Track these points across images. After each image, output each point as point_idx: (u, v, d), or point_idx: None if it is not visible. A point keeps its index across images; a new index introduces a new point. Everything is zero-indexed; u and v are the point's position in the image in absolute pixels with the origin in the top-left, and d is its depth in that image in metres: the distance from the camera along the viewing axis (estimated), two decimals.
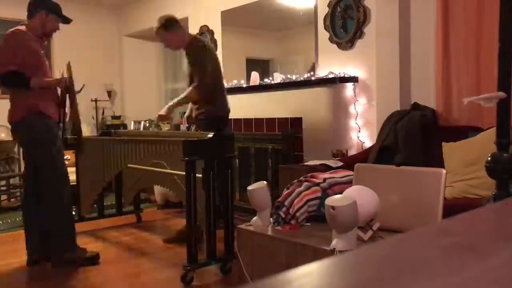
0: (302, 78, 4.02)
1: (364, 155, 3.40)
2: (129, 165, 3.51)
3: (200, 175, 2.88)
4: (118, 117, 6.66)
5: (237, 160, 4.42)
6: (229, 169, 3.00)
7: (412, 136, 3.18)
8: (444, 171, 1.89)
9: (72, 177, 3.61)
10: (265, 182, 2.30)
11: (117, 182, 4.23)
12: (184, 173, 2.82)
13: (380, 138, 3.41)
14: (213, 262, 2.93)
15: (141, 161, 3.39)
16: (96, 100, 6.52)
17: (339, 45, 3.90)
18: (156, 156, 3.21)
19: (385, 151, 3.23)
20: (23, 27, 3.05)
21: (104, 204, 4.39)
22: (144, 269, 3.13)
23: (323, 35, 4.02)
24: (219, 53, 5.08)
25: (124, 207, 4.42)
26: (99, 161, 3.75)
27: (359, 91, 3.72)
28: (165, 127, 5.39)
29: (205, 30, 5.22)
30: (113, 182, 4.19)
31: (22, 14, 2.97)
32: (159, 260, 3.27)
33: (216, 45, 5.12)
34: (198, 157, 2.83)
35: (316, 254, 1.82)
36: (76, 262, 3.08)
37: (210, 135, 2.97)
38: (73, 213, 3.41)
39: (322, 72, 3.94)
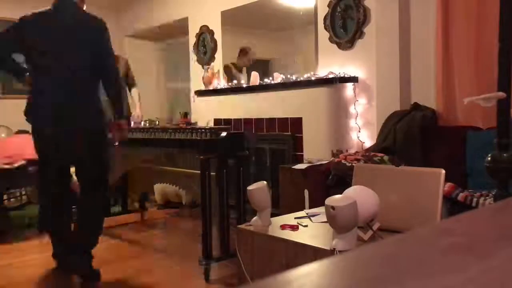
0: (302, 78, 4.02)
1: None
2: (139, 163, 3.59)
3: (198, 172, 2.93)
4: None
5: None
6: (242, 167, 3.08)
7: (411, 137, 3.18)
8: (443, 171, 1.88)
9: None
10: (265, 182, 2.30)
11: (123, 181, 4.31)
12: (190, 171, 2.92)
13: (380, 138, 3.41)
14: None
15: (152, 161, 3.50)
16: None
17: (339, 45, 3.89)
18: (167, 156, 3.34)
19: (385, 151, 3.22)
20: None
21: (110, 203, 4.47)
22: (159, 265, 3.21)
23: (323, 35, 4.02)
24: (219, 53, 5.09)
25: (130, 205, 4.51)
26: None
27: (359, 91, 3.72)
28: None
29: (205, 30, 5.22)
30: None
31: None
32: (174, 255, 3.40)
33: (216, 45, 5.12)
34: (212, 155, 2.92)
35: (316, 254, 1.82)
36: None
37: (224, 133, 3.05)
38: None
39: (322, 72, 3.94)
